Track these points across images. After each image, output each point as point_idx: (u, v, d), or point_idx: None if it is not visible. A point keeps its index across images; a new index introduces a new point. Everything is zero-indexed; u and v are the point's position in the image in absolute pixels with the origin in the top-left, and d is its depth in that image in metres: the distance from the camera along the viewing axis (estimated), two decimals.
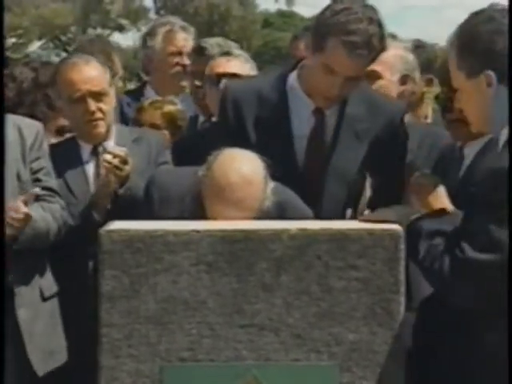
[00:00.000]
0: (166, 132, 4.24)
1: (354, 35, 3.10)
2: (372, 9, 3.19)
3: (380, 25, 3.17)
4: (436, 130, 3.75)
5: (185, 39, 4.94)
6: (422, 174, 2.99)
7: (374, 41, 3.13)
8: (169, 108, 4.34)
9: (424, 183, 2.89)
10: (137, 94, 4.87)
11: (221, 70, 4.15)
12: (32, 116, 3.62)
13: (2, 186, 3.13)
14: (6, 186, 3.18)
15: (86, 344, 2.80)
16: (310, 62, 3.25)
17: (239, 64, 4.15)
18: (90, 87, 3.64)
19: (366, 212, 3.40)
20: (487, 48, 2.68)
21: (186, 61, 4.85)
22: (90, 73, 3.68)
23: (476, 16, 2.74)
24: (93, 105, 3.63)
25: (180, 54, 4.91)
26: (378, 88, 3.70)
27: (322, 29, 3.17)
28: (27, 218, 3.15)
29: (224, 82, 3.96)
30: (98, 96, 3.65)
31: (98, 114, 3.65)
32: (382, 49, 3.20)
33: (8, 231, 3.12)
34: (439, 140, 3.57)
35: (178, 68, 4.90)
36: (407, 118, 3.63)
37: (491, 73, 2.68)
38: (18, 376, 3.24)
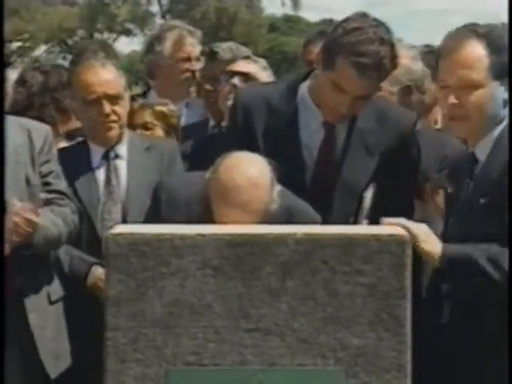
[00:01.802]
0: (158, 130, 4.21)
1: (364, 57, 3.09)
2: (384, 28, 3.17)
3: (392, 45, 3.15)
4: (444, 138, 3.74)
5: (192, 44, 4.92)
6: (438, 177, 3.02)
7: (385, 62, 3.13)
8: (159, 108, 4.33)
9: (439, 186, 2.92)
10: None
11: (236, 68, 4.17)
12: (41, 119, 3.61)
13: (2, 188, 3.13)
14: (14, 190, 3.18)
15: (92, 348, 2.81)
16: (320, 77, 3.25)
17: (256, 68, 4.18)
18: (106, 90, 3.63)
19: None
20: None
21: (196, 66, 4.84)
22: (107, 75, 3.67)
23: (496, 28, 2.93)
24: (108, 107, 3.62)
25: (189, 59, 4.89)
26: None
27: (332, 47, 3.16)
28: (35, 225, 3.13)
29: (236, 78, 3.98)
30: (113, 99, 3.64)
31: (113, 117, 3.64)
32: (393, 68, 3.20)
33: (15, 238, 3.11)
34: (447, 147, 3.56)
35: (188, 74, 4.87)
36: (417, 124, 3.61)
37: None
38: (26, 380, 3.25)
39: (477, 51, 2.86)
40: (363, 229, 2.62)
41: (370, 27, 3.14)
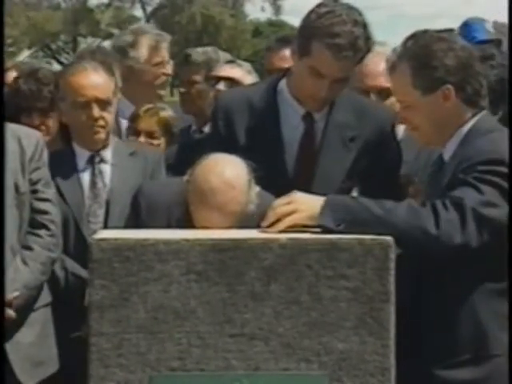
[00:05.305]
0: (162, 140, 4.24)
1: (338, 38, 3.14)
2: (356, 11, 3.23)
3: (365, 26, 3.21)
4: None
5: (165, 48, 4.83)
6: (420, 181, 3.01)
7: (360, 42, 3.17)
8: (163, 114, 4.34)
9: (420, 189, 2.90)
10: None
11: (221, 73, 4.19)
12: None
13: (2, 195, 3.12)
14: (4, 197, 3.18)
15: (75, 353, 2.79)
16: (297, 66, 3.27)
17: (241, 72, 4.19)
18: (97, 94, 3.64)
19: None
20: (443, 64, 2.76)
21: (170, 70, 4.79)
22: (98, 80, 3.69)
23: (424, 36, 2.84)
24: (97, 111, 3.64)
25: (163, 64, 4.84)
26: (390, 105, 3.65)
27: (307, 32, 3.21)
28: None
29: (221, 84, 4.00)
30: (103, 104, 3.65)
31: (101, 122, 3.65)
32: (368, 50, 3.24)
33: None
34: (435, 151, 3.55)
35: (164, 78, 4.82)
36: (404, 130, 3.60)
37: (450, 86, 2.74)
38: None
39: (401, 73, 2.84)
40: (347, 233, 2.62)
41: (342, 10, 3.18)
